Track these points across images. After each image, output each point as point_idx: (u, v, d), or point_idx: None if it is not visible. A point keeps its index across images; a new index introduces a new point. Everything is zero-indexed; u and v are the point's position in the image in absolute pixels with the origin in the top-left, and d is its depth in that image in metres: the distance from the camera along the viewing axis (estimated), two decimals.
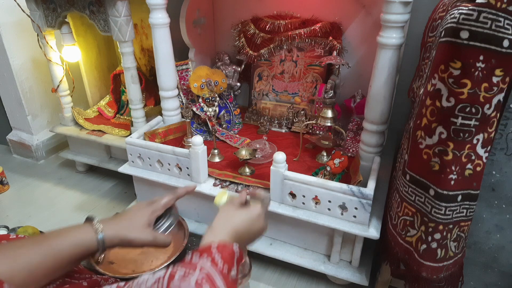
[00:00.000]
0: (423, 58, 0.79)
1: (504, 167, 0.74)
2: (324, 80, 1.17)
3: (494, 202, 0.77)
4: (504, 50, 0.54)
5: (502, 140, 0.72)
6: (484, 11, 0.53)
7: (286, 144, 1.13)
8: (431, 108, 0.62)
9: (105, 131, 1.27)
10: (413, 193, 0.69)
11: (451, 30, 0.56)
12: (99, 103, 1.41)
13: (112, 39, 1.18)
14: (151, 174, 1.01)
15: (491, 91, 0.57)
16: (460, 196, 0.64)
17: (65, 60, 1.27)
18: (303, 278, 0.96)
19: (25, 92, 1.42)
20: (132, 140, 1.01)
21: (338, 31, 1.12)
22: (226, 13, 1.30)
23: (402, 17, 0.75)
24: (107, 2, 1.02)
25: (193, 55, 1.25)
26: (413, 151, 0.68)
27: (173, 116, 1.12)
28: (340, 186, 0.80)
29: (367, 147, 0.91)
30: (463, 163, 0.62)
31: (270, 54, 1.19)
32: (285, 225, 0.92)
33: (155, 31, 0.99)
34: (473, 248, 0.83)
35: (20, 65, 1.39)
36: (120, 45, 1.09)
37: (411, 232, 0.71)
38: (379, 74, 0.82)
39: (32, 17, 1.18)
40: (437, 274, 0.70)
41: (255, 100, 1.29)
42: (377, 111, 0.85)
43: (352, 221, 0.82)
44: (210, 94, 1.13)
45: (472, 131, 0.59)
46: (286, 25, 1.14)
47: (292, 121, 1.22)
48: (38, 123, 1.51)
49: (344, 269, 0.89)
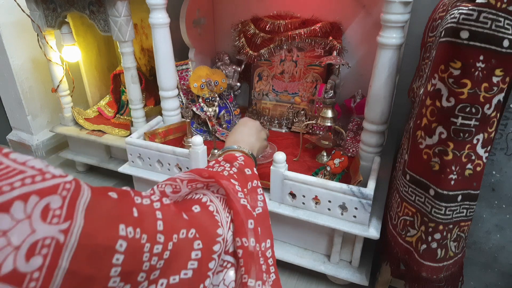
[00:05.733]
0: (423, 58, 0.79)
1: (504, 167, 0.74)
2: (324, 80, 1.17)
3: (494, 202, 0.77)
4: (504, 50, 0.54)
5: (502, 140, 0.72)
6: (484, 11, 0.53)
7: (286, 144, 1.13)
8: (431, 108, 0.62)
9: (105, 131, 1.27)
10: (413, 193, 0.69)
11: (451, 30, 0.56)
12: (99, 103, 1.41)
13: (112, 39, 1.18)
14: (151, 174, 1.01)
15: (491, 91, 0.57)
16: (460, 196, 0.64)
17: (65, 60, 1.27)
18: (303, 278, 0.96)
19: (25, 92, 1.42)
20: (132, 140, 1.01)
21: (338, 31, 1.12)
22: (226, 13, 1.30)
23: (402, 17, 0.75)
24: (107, 2, 1.02)
25: (193, 55, 1.25)
26: (413, 151, 0.68)
27: (173, 116, 1.12)
28: (340, 186, 0.80)
29: (367, 147, 0.91)
30: (463, 163, 0.62)
31: (270, 54, 1.19)
32: (285, 225, 0.92)
33: (155, 31, 0.99)
34: (473, 248, 0.83)
35: (20, 65, 1.38)
36: (120, 45, 1.09)
37: (411, 232, 0.71)
38: (379, 74, 0.82)
39: (32, 17, 1.18)
40: (437, 274, 0.70)
41: (255, 100, 1.29)
42: (377, 111, 0.85)
43: (352, 221, 0.82)
44: (210, 94, 1.13)
45: (472, 131, 0.59)
46: (286, 25, 1.14)
47: (292, 121, 1.22)
48: (38, 123, 1.51)
49: (344, 269, 0.89)
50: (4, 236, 0.25)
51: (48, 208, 0.27)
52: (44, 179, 0.28)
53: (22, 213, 0.26)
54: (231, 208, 0.51)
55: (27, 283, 0.26)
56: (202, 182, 0.54)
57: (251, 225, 0.52)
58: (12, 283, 0.25)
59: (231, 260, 0.51)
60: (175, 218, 0.42)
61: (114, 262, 0.31)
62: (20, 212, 0.26)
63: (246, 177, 0.58)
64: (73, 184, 0.30)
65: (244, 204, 0.52)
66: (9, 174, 0.26)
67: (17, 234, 0.25)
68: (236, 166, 0.59)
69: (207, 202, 0.50)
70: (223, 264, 0.50)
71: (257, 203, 0.57)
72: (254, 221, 0.53)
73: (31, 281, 0.26)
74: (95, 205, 0.31)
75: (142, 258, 0.35)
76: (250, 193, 0.57)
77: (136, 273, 0.35)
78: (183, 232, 0.42)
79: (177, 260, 0.40)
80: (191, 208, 0.48)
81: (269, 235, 0.56)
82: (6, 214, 0.25)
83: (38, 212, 0.27)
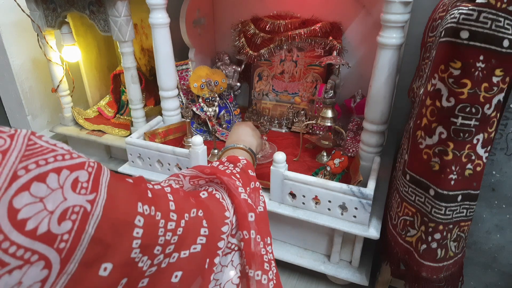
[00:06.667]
0: (423, 58, 0.79)
1: (504, 167, 0.74)
2: (324, 80, 1.17)
3: (494, 202, 0.77)
4: (504, 50, 0.54)
5: (502, 140, 0.72)
6: (484, 11, 0.53)
7: (286, 144, 1.13)
8: (431, 108, 0.62)
9: (105, 131, 1.27)
10: (413, 193, 0.69)
11: (451, 30, 0.56)
12: (99, 103, 1.41)
13: (112, 39, 1.18)
14: (151, 174, 1.01)
15: (491, 91, 0.57)
16: (460, 196, 0.64)
17: (65, 60, 1.27)
18: (303, 278, 0.96)
19: (25, 92, 1.42)
20: (132, 140, 1.01)
21: (338, 31, 1.12)
22: (226, 13, 1.30)
23: (402, 17, 0.75)
24: (107, 2, 1.02)
25: (193, 55, 1.25)
26: (413, 151, 0.68)
27: (173, 116, 1.12)
28: (340, 186, 0.80)
29: (367, 147, 0.91)
30: (463, 163, 0.62)
31: (270, 54, 1.19)
32: (285, 225, 0.92)
33: (155, 31, 0.99)
34: (473, 248, 0.83)
35: (20, 65, 1.38)
36: (120, 45, 1.08)
37: (411, 232, 0.71)
38: (379, 74, 0.82)
39: (32, 17, 1.18)
40: (437, 274, 0.70)
41: (255, 100, 1.29)
42: (377, 111, 0.85)
43: (352, 221, 0.82)
44: (210, 94, 1.13)
45: (472, 131, 0.59)
46: (286, 25, 1.14)
47: (292, 121, 1.22)
48: (38, 123, 1.51)
49: (344, 269, 0.89)
50: (41, 202, 0.29)
51: (78, 181, 0.31)
52: (72, 157, 0.32)
53: (56, 183, 0.30)
54: (233, 202, 0.53)
55: (58, 243, 0.29)
56: (204, 179, 0.56)
57: (251, 218, 0.54)
58: (46, 243, 0.28)
59: (236, 243, 0.54)
60: (185, 199, 0.46)
61: (135, 235, 0.35)
62: (55, 182, 0.30)
63: (249, 177, 0.60)
64: (96, 164, 0.34)
65: (245, 198, 0.54)
66: (43, 152, 0.30)
67: (52, 201, 0.29)
68: (239, 167, 0.61)
69: (213, 191, 0.54)
70: (230, 246, 0.53)
71: (259, 203, 0.59)
72: (255, 214, 0.55)
73: (61, 242, 0.29)
74: (114, 184, 0.35)
75: (157, 233, 0.38)
76: (252, 192, 0.59)
77: (152, 246, 0.38)
78: (194, 211, 0.46)
79: (189, 236, 0.44)
80: (199, 194, 0.52)
81: (269, 233, 0.58)
82: (43, 184, 0.29)
83: (69, 183, 0.30)
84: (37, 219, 0.28)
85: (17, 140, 0.30)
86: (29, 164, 0.29)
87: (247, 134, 0.79)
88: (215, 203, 0.52)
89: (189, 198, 0.48)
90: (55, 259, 0.29)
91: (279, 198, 0.88)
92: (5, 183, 0.27)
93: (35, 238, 0.28)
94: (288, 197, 0.87)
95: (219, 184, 0.56)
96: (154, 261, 0.39)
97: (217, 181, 0.56)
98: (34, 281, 0.28)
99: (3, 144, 0.28)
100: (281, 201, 0.88)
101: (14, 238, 0.27)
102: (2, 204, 0.27)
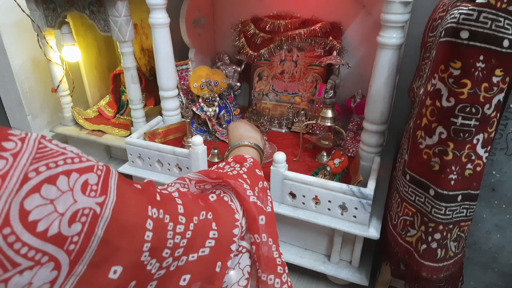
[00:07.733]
0: (423, 58, 0.79)
1: (504, 167, 0.74)
2: (324, 80, 1.17)
3: (494, 202, 0.77)
4: (504, 50, 0.54)
5: (502, 140, 0.72)
6: (484, 11, 0.53)
7: (286, 144, 1.13)
8: (431, 108, 0.62)
9: (105, 131, 1.27)
10: (413, 193, 0.69)
11: (451, 30, 0.56)
12: (99, 103, 1.41)
13: (112, 39, 1.18)
14: (151, 174, 1.01)
15: (491, 91, 0.57)
16: (460, 196, 0.64)
17: (65, 60, 1.27)
18: (303, 278, 0.96)
19: (25, 92, 1.42)
20: (132, 140, 1.01)
21: (338, 31, 1.12)
22: (226, 13, 1.30)
23: (402, 17, 0.75)
24: (107, 2, 1.02)
25: (193, 55, 1.25)
26: (413, 151, 0.68)
27: (173, 116, 1.12)
28: (340, 186, 0.80)
29: (367, 147, 0.91)
30: (463, 163, 0.62)
31: (270, 54, 1.19)
32: (285, 225, 0.92)
33: (155, 31, 0.99)
34: (473, 248, 0.83)
35: (20, 65, 1.38)
36: (120, 45, 1.08)
37: (411, 232, 0.71)
38: (379, 74, 0.82)
39: (32, 17, 1.18)
40: (437, 274, 0.70)
41: (255, 100, 1.29)
42: (377, 111, 0.85)
43: (352, 221, 0.82)
44: (210, 94, 1.13)
45: (472, 131, 0.59)
46: (286, 25, 1.14)
47: (292, 121, 1.22)
48: (38, 123, 1.51)
49: (344, 269, 0.89)
50: (52, 203, 0.29)
51: (87, 183, 0.32)
52: (81, 161, 0.33)
53: (66, 185, 0.30)
54: (242, 205, 0.53)
55: (68, 245, 0.29)
56: (210, 183, 0.56)
57: (262, 221, 0.54)
58: (56, 244, 0.29)
59: (246, 245, 0.54)
60: (194, 202, 0.46)
61: (145, 238, 0.35)
62: (65, 185, 0.30)
63: (257, 176, 0.60)
64: (104, 167, 0.35)
65: (254, 200, 0.54)
66: (53, 155, 0.31)
67: (62, 203, 0.29)
68: (246, 166, 0.60)
69: (221, 194, 0.54)
70: (238, 249, 0.53)
71: (267, 203, 0.58)
72: (266, 216, 0.54)
73: (71, 243, 0.29)
74: (123, 187, 0.35)
75: (166, 236, 0.38)
76: (260, 191, 0.58)
77: (161, 250, 0.38)
78: (203, 214, 0.46)
79: (198, 239, 0.44)
80: (208, 197, 0.52)
81: (277, 234, 0.58)
82: (53, 186, 0.29)
83: (79, 185, 0.31)
84: (48, 220, 0.28)
85: (28, 143, 0.30)
86: (40, 167, 0.29)
87: (248, 130, 0.77)
88: (224, 205, 0.51)
89: (197, 201, 0.48)
90: (65, 261, 0.29)
91: (279, 198, 0.88)
92: (16, 184, 0.27)
93: (46, 239, 0.28)
94: (288, 197, 0.87)
95: (226, 186, 0.56)
96: (162, 264, 0.39)
97: (224, 184, 0.56)
98: (44, 282, 0.28)
99: (14, 147, 0.29)
100: (281, 201, 0.88)
101: (25, 239, 0.27)
102: (14, 206, 0.27)
